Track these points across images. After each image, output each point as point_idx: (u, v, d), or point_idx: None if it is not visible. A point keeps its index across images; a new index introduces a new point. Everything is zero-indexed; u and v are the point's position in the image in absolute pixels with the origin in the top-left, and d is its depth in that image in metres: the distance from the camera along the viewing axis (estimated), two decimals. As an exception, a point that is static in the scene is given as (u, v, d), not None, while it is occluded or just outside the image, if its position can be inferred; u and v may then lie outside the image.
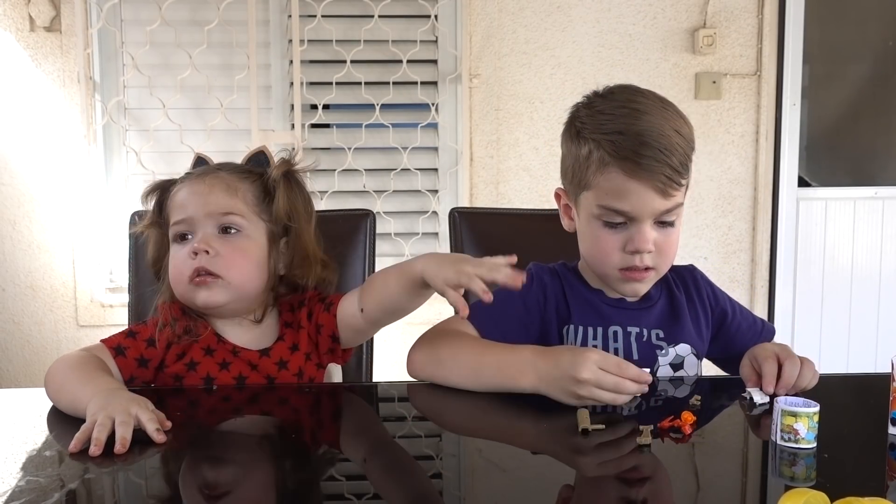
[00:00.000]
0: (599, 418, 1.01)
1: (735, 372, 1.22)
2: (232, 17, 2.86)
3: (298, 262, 1.27)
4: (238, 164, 1.30)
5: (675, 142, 1.13)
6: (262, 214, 1.25)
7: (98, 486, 0.86)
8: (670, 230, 1.18)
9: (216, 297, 1.19)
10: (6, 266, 2.93)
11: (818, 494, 0.71)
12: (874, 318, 3.25)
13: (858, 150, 3.51)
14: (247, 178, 1.26)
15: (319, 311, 1.26)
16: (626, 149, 1.12)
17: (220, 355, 1.22)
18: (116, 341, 1.21)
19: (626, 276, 1.19)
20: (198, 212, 1.21)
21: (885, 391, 1.01)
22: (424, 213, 3.03)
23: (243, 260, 1.21)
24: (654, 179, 1.12)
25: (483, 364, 1.14)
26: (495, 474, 0.92)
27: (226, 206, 1.21)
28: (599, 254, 1.20)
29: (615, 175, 1.14)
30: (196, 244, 1.19)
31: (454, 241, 1.57)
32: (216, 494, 0.84)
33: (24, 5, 2.82)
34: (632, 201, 1.14)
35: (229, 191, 1.22)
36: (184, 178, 1.27)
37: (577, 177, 1.20)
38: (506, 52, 3.01)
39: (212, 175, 1.24)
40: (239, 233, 1.22)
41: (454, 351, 1.17)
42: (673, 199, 1.15)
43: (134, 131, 2.96)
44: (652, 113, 1.15)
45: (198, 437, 1.03)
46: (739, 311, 1.34)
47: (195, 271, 1.18)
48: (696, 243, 3.10)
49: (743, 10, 3.06)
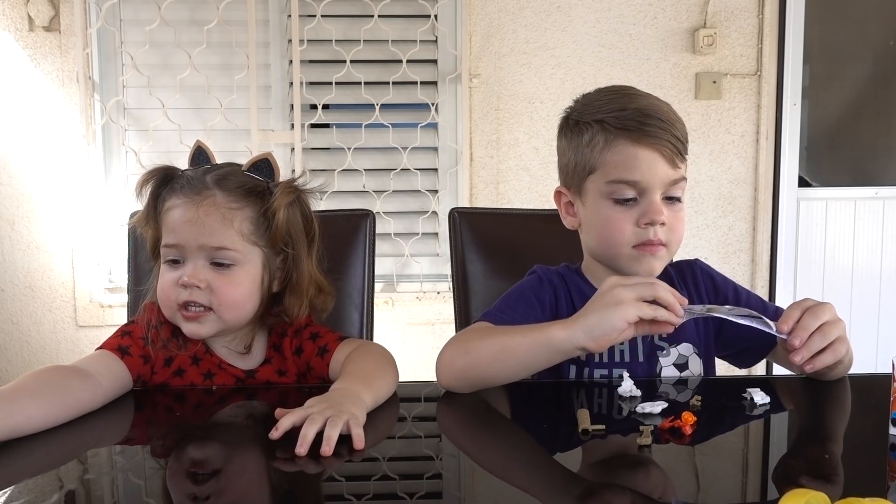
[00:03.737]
0: (599, 419, 1.00)
1: (747, 365, 1.22)
2: (231, 17, 2.86)
3: (291, 289, 1.21)
4: (238, 178, 1.19)
5: (674, 117, 1.19)
6: (259, 241, 1.18)
7: (98, 486, 0.86)
8: (678, 206, 1.19)
9: (204, 329, 1.16)
10: (5, 266, 2.92)
11: (818, 495, 0.70)
12: (874, 319, 3.25)
13: (859, 150, 3.51)
14: (245, 202, 1.17)
15: (311, 354, 1.22)
16: (632, 119, 1.16)
17: (205, 366, 1.20)
18: (116, 343, 1.18)
19: (642, 250, 1.17)
20: (189, 242, 1.15)
21: (885, 391, 1.01)
22: (424, 213, 3.03)
23: (235, 292, 1.16)
24: (661, 146, 1.15)
25: (511, 338, 1.11)
26: (495, 474, 0.92)
27: (219, 241, 1.14)
28: (613, 232, 1.18)
29: (623, 146, 1.16)
30: (186, 278, 1.14)
31: (454, 241, 1.56)
32: (217, 495, 0.84)
33: (24, 5, 2.82)
34: (642, 169, 1.16)
35: (224, 222, 1.15)
36: (179, 188, 1.18)
37: (581, 164, 1.21)
38: (506, 51, 3.01)
39: (208, 200, 1.15)
40: (232, 265, 1.16)
41: (481, 337, 1.15)
42: (679, 170, 1.18)
43: (133, 131, 2.96)
44: (645, 96, 1.22)
45: (198, 437, 1.03)
46: (746, 298, 1.29)
47: (184, 303, 1.15)
48: (696, 243, 3.10)
49: (743, 10, 3.06)
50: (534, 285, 1.27)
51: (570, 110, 1.26)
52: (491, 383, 1.13)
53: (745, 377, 1.34)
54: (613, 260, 1.22)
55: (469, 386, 1.12)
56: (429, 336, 2.99)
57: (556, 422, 1.05)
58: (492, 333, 1.15)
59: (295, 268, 1.21)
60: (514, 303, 1.24)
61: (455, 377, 1.13)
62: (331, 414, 0.93)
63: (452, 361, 1.13)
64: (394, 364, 1.16)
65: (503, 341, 1.12)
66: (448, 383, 1.13)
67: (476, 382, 1.12)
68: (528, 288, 1.27)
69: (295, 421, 0.93)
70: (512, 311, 1.21)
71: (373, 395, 1.05)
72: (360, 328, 1.48)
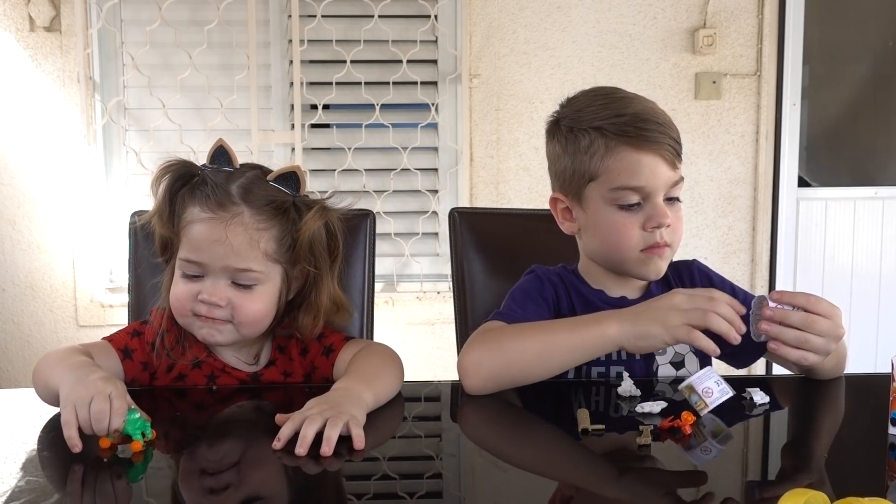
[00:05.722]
0: (599, 418, 1.00)
1: (744, 365, 1.23)
2: (232, 17, 2.86)
3: (307, 307, 1.19)
4: (264, 191, 1.14)
5: (668, 119, 1.20)
6: (281, 258, 1.15)
7: (98, 486, 0.86)
8: (678, 206, 1.22)
9: (221, 338, 1.15)
10: (6, 266, 2.93)
11: (818, 494, 0.71)
12: (874, 319, 3.25)
13: (858, 150, 3.51)
14: (273, 221, 1.13)
15: (317, 353, 1.22)
16: (630, 126, 1.17)
17: (208, 369, 1.20)
18: (123, 342, 1.18)
19: (649, 253, 1.19)
20: (213, 262, 1.11)
21: (885, 391, 1.01)
22: (424, 213, 3.03)
23: (254, 308, 1.14)
24: (661, 149, 1.17)
25: (554, 335, 1.12)
26: (495, 474, 0.92)
27: (244, 262, 1.12)
28: (620, 238, 1.19)
29: (625, 153, 1.17)
30: (206, 295, 1.12)
31: (454, 241, 1.56)
32: (217, 494, 0.84)
33: (24, 5, 2.82)
34: (646, 174, 1.17)
35: (251, 244, 1.11)
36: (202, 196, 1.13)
37: (580, 172, 1.21)
38: (506, 52, 3.01)
39: (236, 220, 1.11)
40: (254, 285, 1.14)
41: (515, 336, 1.14)
42: (678, 171, 1.20)
43: (134, 131, 2.96)
44: (637, 100, 1.22)
45: (198, 436, 1.03)
46: (743, 299, 1.27)
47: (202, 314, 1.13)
48: (696, 243, 3.10)
49: (743, 10, 3.06)
50: (536, 284, 1.28)
51: (560, 115, 1.26)
52: (525, 382, 1.12)
53: (745, 377, 1.34)
54: (621, 264, 1.23)
55: (500, 386, 1.12)
56: (429, 336, 2.99)
57: (556, 421, 1.06)
58: (526, 332, 1.14)
59: (314, 286, 1.19)
60: (523, 301, 1.25)
61: (487, 377, 1.11)
62: (330, 414, 0.93)
63: (482, 362, 1.12)
64: (399, 365, 1.16)
65: (544, 339, 1.12)
66: (477, 384, 1.12)
67: (509, 382, 1.12)
68: (531, 287, 1.28)
69: (295, 427, 0.92)
70: (523, 310, 1.22)
71: (374, 394, 1.05)
72: (360, 328, 1.48)
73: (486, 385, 1.11)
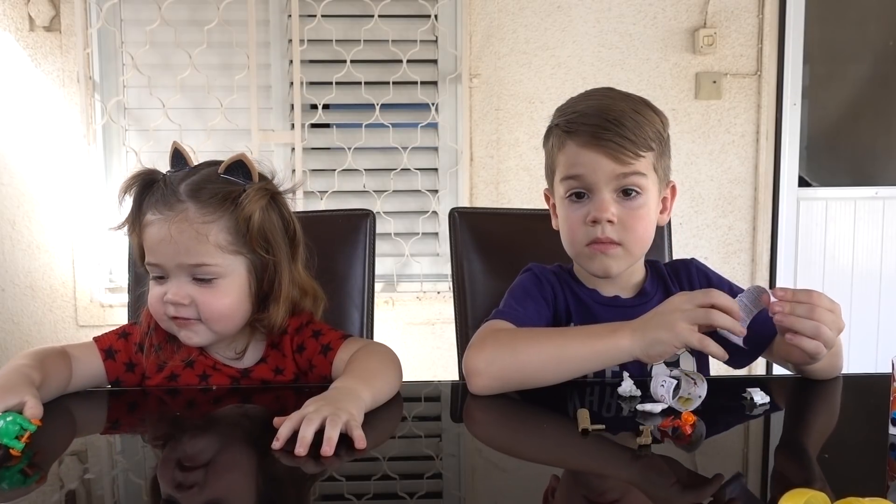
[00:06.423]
0: (599, 418, 1.00)
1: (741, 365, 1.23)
2: (232, 17, 2.86)
3: (274, 297, 1.18)
4: (213, 186, 1.15)
5: (629, 115, 1.19)
6: (242, 248, 1.15)
7: (98, 486, 0.86)
8: (636, 203, 1.20)
9: (197, 338, 1.17)
10: (6, 266, 2.93)
11: (819, 494, 0.71)
12: (874, 319, 3.25)
13: (859, 150, 3.51)
14: (220, 212, 1.14)
15: (314, 352, 1.21)
16: (578, 122, 1.20)
17: (200, 367, 1.20)
18: (108, 343, 1.20)
19: (593, 249, 1.21)
20: (167, 262, 1.13)
21: (885, 391, 1.01)
22: (424, 213, 3.03)
23: (220, 304, 1.14)
24: (604, 146, 1.18)
25: (567, 343, 1.12)
26: (495, 474, 0.92)
27: (196, 258, 1.12)
28: (569, 232, 1.23)
29: (570, 148, 1.21)
30: (170, 296, 1.13)
31: (454, 241, 1.56)
32: (216, 495, 0.84)
33: (24, 5, 2.82)
34: (584, 164, 1.19)
35: (199, 238, 1.12)
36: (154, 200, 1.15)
37: (549, 167, 1.28)
38: (506, 52, 3.01)
39: (179, 217, 1.12)
40: (215, 279, 1.14)
41: (528, 339, 1.14)
42: (630, 165, 1.18)
43: (134, 131, 2.96)
44: (612, 98, 1.23)
45: (196, 436, 1.03)
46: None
47: (173, 316, 1.15)
48: (696, 243, 3.10)
49: (743, 9, 3.06)
50: (534, 282, 1.29)
51: (552, 118, 1.31)
52: (532, 386, 1.12)
53: (745, 377, 1.34)
54: (575, 259, 1.27)
55: (508, 387, 1.12)
56: (429, 336, 3.00)
57: (555, 421, 1.05)
58: (540, 337, 1.15)
59: (275, 273, 1.18)
60: (523, 300, 1.25)
61: (496, 377, 1.11)
62: (328, 413, 0.93)
63: (493, 362, 1.11)
64: (397, 365, 1.16)
65: (557, 347, 1.12)
66: (485, 384, 1.11)
67: (518, 384, 1.12)
68: (531, 285, 1.28)
69: (293, 427, 0.92)
70: (524, 309, 1.23)
71: (372, 394, 1.05)
72: (360, 328, 1.48)
73: (493, 385, 1.11)
